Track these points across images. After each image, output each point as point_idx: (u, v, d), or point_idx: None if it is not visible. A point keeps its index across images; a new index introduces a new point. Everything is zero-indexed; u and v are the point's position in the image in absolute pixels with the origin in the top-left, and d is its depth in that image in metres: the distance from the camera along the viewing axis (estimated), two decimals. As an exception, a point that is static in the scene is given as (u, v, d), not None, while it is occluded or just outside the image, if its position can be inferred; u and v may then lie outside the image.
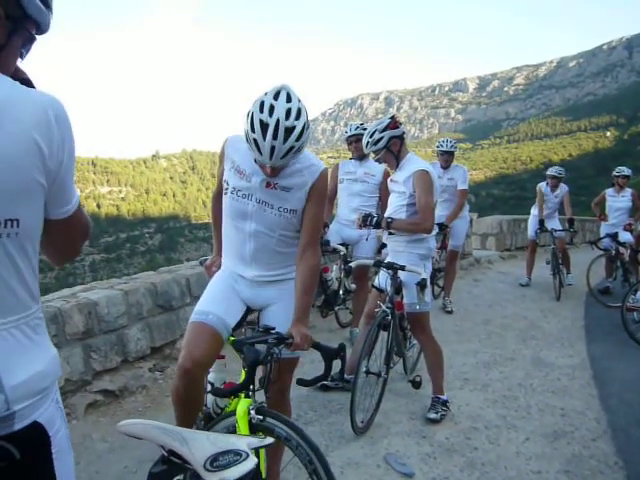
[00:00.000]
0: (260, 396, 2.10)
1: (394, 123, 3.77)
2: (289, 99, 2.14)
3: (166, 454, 1.35)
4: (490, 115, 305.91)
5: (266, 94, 2.17)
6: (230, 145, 2.43)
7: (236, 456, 1.27)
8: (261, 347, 2.03)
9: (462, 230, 7.08)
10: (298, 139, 2.14)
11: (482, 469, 3.25)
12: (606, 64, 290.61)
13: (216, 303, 2.43)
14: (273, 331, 2.13)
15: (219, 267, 2.64)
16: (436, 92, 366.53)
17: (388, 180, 4.08)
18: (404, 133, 3.86)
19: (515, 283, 9.03)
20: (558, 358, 5.37)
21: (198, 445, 1.29)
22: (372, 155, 4.04)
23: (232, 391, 2.06)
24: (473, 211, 13.36)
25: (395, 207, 3.87)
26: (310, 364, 4.01)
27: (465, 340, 5.81)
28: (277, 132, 2.09)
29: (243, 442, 1.41)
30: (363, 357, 3.62)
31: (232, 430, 1.99)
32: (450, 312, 6.84)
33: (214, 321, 2.35)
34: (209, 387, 2.67)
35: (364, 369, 3.67)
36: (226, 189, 2.41)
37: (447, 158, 6.68)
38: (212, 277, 2.63)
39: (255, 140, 2.13)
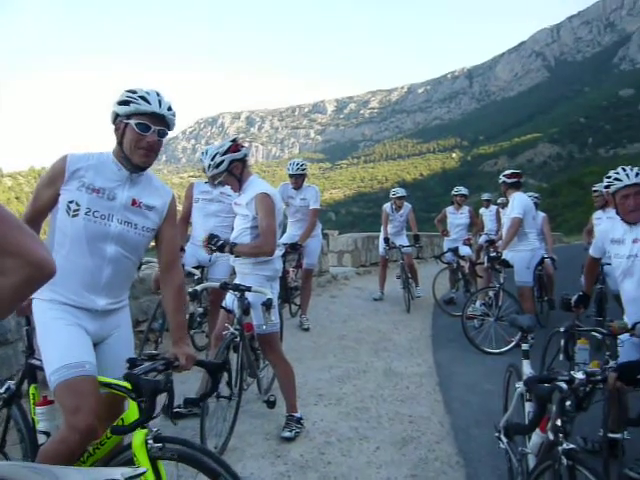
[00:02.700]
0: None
1: (235, 146, 3.78)
2: None
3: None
4: (348, 136, 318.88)
5: None
6: (75, 163, 2.28)
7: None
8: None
9: (315, 248, 7.22)
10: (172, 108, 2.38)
11: (334, 483, 3.33)
12: (450, 91, 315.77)
13: (81, 349, 2.22)
14: (158, 357, 2.12)
15: (30, 302, 2.39)
16: (296, 113, 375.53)
17: (232, 203, 4.09)
18: (246, 155, 3.88)
19: (369, 298, 9.40)
20: (407, 367, 5.65)
21: (70, 481, 1.21)
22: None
23: (135, 425, 1.99)
24: (334, 229, 13.80)
25: (240, 230, 3.89)
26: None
27: (321, 356, 5.93)
28: (158, 92, 2.34)
29: (117, 472, 1.35)
30: (212, 381, 3.56)
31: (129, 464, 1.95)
32: (307, 329, 6.95)
33: (92, 370, 2.18)
34: (42, 438, 2.41)
35: (214, 393, 3.60)
36: (76, 211, 2.24)
37: (297, 180, 6.80)
38: (32, 314, 2.36)
39: (142, 97, 2.27)
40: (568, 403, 2.14)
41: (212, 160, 3.73)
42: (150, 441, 1.94)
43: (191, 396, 3.58)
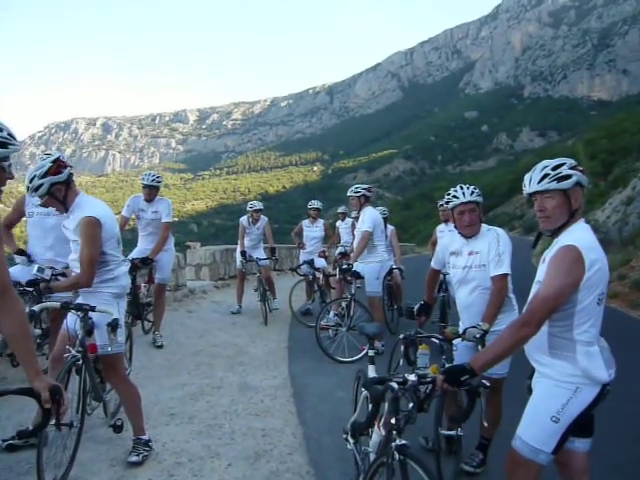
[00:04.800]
0: None
1: (57, 167, 3.47)
2: None
3: None
4: (210, 147, 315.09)
5: None
6: None
7: None
8: None
9: (168, 262, 7.01)
10: None
11: (182, 505, 3.26)
12: (312, 106, 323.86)
13: None
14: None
15: None
16: (157, 121, 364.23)
17: (62, 225, 3.80)
18: (71, 175, 3.60)
19: (227, 311, 9.31)
20: (263, 381, 5.67)
21: None
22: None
23: None
24: (196, 240, 13.48)
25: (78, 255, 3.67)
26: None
27: (174, 374, 5.77)
28: None
29: None
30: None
31: None
32: (160, 346, 6.72)
33: None
34: None
35: (52, 422, 3.37)
36: None
37: (150, 191, 6.61)
38: None
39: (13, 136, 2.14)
40: (411, 405, 2.28)
41: (30, 183, 3.42)
42: None
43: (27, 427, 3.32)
